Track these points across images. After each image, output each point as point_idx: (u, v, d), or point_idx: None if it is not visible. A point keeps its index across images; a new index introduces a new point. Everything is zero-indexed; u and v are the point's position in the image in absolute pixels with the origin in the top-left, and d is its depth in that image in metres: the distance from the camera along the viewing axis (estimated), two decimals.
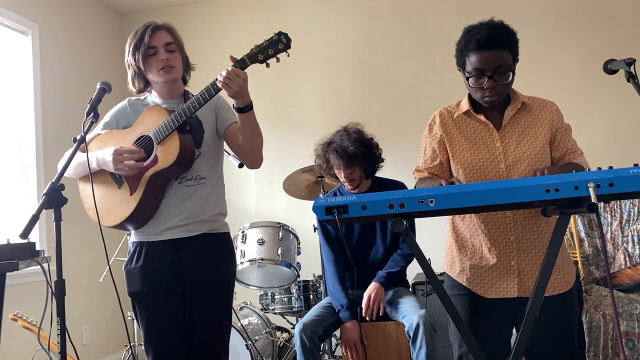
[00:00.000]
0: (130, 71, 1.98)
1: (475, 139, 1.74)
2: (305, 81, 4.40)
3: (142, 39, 1.90)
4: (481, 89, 1.65)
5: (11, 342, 2.95)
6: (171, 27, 1.99)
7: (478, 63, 1.62)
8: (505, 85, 1.65)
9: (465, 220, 1.76)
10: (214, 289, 1.91)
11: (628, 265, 3.07)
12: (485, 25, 1.64)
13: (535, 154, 1.67)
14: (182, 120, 1.82)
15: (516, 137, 1.71)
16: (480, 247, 1.72)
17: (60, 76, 4.02)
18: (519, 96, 1.75)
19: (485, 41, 1.60)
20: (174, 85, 1.99)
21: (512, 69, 1.64)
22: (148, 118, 1.92)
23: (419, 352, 2.24)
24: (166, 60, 1.91)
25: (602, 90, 3.75)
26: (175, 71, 1.95)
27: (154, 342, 1.87)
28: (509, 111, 1.73)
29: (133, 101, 2.06)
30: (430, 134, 1.83)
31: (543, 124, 1.72)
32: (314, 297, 3.16)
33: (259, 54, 1.76)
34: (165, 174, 1.85)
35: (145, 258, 1.89)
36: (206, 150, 1.96)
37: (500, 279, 1.69)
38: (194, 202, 1.90)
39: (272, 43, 1.75)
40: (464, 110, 1.77)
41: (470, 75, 1.66)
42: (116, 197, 1.91)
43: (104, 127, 2.02)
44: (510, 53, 1.64)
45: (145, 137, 1.90)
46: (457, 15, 4.06)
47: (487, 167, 1.70)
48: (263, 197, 4.37)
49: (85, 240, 3.82)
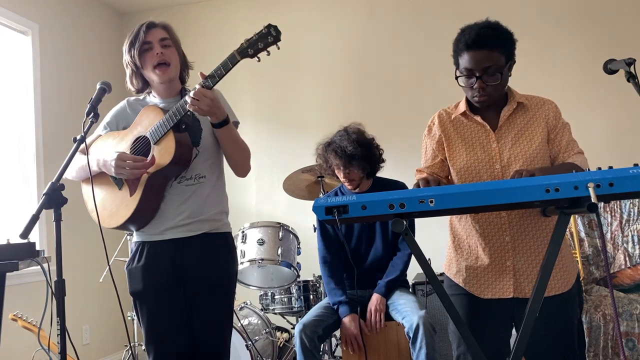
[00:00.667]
0: (128, 70, 1.98)
1: (471, 140, 1.74)
2: (305, 81, 4.40)
3: (137, 36, 1.91)
4: (471, 88, 1.66)
5: (11, 342, 2.95)
6: (167, 24, 2.00)
7: (467, 63, 1.63)
8: (495, 86, 1.64)
9: (462, 220, 1.76)
10: (215, 289, 1.90)
11: (628, 265, 3.07)
12: (477, 25, 1.64)
13: (530, 154, 1.67)
14: (177, 119, 1.81)
15: (512, 137, 1.70)
16: (475, 248, 1.72)
17: (60, 76, 4.02)
18: (516, 96, 1.74)
19: (474, 41, 1.60)
20: (171, 83, 1.99)
21: (502, 70, 1.63)
22: (144, 118, 1.92)
23: (418, 352, 2.24)
24: (161, 54, 1.91)
25: (602, 90, 3.75)
26: (171, 69, 1.94)
27: (155, 342, 1.87)
28: (504, 111, 1.73)
29: (132, 101, 2.06)
30: (430, 135, 1.84)
31: (539, 123, 1.71)
32: (314, 297, 3.16)
33: (249, 49, 1.75)
34: (163, 173, 1.85)
35: (147, 258, 1.89)
36: (205, 148, 1.95)
37: (496, 279, 1.69)
38: (194, 202, 1.90)
39: (261, 36, 1.74)
40: (461, 112, 1.77)
41: (461, 74, 1.66)
42: (117, 198, 1.91)
43: (105, 128, 2.03)
44: (503, 54, 1.63)
45: (142, 137, 1.89)
46: (457, 15, 4.06)
47: (482, 167, 1.70)
48: (263, 197, 4.37)
49: (85, 240, 3.82)
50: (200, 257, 1.88)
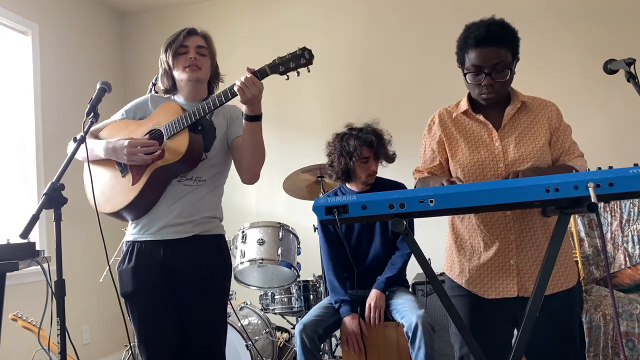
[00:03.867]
0: (160, 69, 2.03)
1: (474, 139, 1.74)
2: (305, 81, 4.38)
3: (176, 38, 1.97)
4: (479, 85, 1.65)
5: (11, 342, 2.95)
6: (207, 35, 2.05)
7: (476, 59, 1.62)
8: (503, 83, 1.65)
9: (465, 221, 1.76)
10: (205, 290, 1.89)
11: (628, 265, 3.07)
12: (485, 22, 1.64)
13: (535, 153, 1.67)
14: (195, 119, 1.83)
15: (515, 136, 1.70)
16: (479, 248, 1.72)
17: (60, 76, 4.02)
18: (519, 96, 1.75)
19: (484, 37, 1.60)
20: (198, 87, 2.00)
21: (510, 67, 1.64)
22: (162, 112, 1.93)
23: (417, 352, 2.25)
24: (194, 59, 1.94)
25: (602, 90, 3.75)
26: (201, 72, 1.97)
27: (147, 344, 1.87)
28: (508, 110, 1.72)
29: (155, 97, 2.08)
30: (430, 134, 1.83)
31: (542, 124, 1.71)
32: (314, 297, 3.16)
33: (280, 65, 1.78)
34: (169, 169, 1.85)
35: (137, 259, 1.88)
36: (213, 156, 1.96)
37: (500, 278, 1.68)
38: (186, 202, 1.89)
39: (294, 57, 1.77)
40: (462, 110, 1.76)
41: (469, 71, 1.66)
42: (118, 185, 1.91)
43: (122, 115, 2.04)
44: (510, 51, 1.64)
45: (156, 130, 1.90)
46: (457, 15, 4.04)
47: (486, 166, 1.70)
48: (263, 197, 4.37)
49: (85, 240, 3.82)
50: (189, 258, 1.87)
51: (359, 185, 2.67)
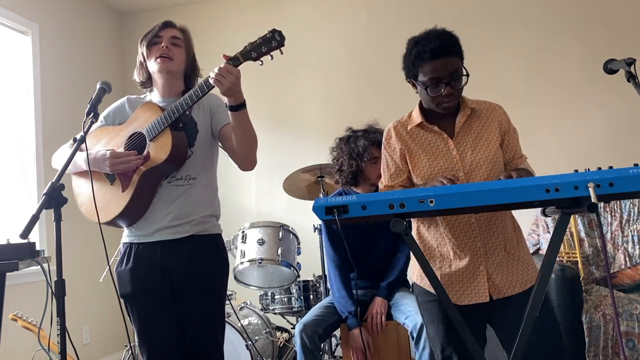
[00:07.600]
0: (137, 61, 2.02)
1: (431, 150, 1.76)
2: (305, 81, 4.40)
3: (152, 30, 1.97)
4: (439, 96, 1.67)
5: (11, 342, 2.95)
6: (185, 28, 2.03)
7: (434, 72, 1.65)
8: (461, 89, 1.69)
9: (431, 230, 1.77)
10: (203, 290, 1.89)
11: (628, 265, 3.07)
12: (434, 34, 1.67)
13: (491, 158, 1.70)
14: (175, 117, 1.81)
15: (470, 143, 1.73)
16: (448, 256, 1.73)
17: (60, 76, 4.02)
18: (468, 102, 1.77)
19: (440, 49, 1.62)
20: (172, 80, 1.98)
21: (465, 73, 1.67)
22: (141, 114, 1.92)
23: (422, 352, 2.24)
24: (165, 48, 1.92)
25: (602, 90, 3.75)
26: (172, 64, 1.94)
27: (147, 344, 1.87)
28: (459, 118, 1.75)
29: (132, 99, 2.06)
30: (389, 149, 1.84)
31: (493, 128, 1.75)
32: (314, 297, 3.16)
33: (252, 52, 1.74)
34: (157, 171, 1.85)
35: (134, 260, 1.88)
36: (199, 150, 1.94)
37: (471, 284, 1.70)
38: (182, 203, 1.88)
39: (265, 40, 1.73)
40: (417, 123, 1.78)
41: (427, 85, 1.67)
42: (108, 193, 1.90)
43: (101, 122, 2.02)
44: (459, 58, 1.68)
45: (138, 134, 1.89)
46: (456, 15, 4.05)
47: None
48: (263, 197, 4.36)
49: (85, 240, 3.82)
50: (186, 259, 1.87)
51: (365, 189, 2.63)
